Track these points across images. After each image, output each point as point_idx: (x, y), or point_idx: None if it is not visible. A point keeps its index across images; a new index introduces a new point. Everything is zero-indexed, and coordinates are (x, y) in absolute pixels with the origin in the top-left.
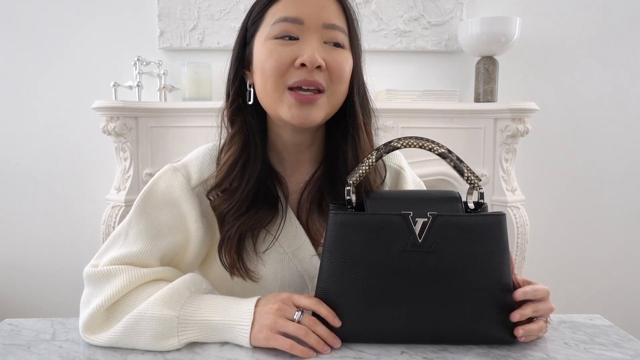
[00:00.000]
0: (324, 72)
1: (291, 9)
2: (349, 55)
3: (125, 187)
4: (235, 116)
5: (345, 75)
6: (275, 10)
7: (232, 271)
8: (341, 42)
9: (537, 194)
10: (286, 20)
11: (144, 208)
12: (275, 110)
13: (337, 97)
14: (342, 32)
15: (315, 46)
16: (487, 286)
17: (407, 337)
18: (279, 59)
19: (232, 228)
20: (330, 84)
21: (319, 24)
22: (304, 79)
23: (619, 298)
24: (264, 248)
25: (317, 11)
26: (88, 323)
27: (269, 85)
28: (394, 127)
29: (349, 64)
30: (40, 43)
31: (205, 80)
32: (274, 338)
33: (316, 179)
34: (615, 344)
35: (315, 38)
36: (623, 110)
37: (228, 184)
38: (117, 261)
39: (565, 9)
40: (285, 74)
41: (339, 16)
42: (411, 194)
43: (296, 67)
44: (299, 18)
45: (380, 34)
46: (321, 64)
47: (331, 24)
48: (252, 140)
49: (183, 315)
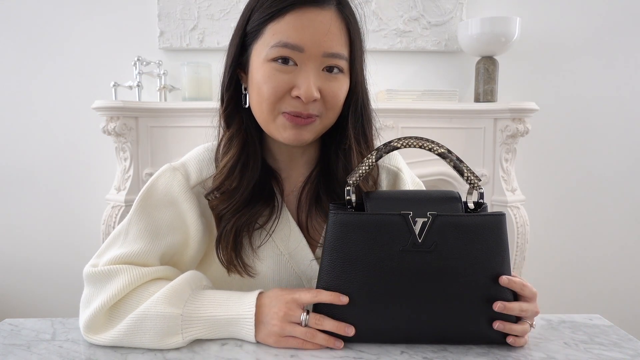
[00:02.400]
0: (318, 101)
1: (293, 34)
2: (345, 80)
3: (125, 187)
4: (231, 119)
5: (339, 103)
6: (276, 30)
7: (229, 267)
8: (341, 68)
9: (537, 194)
10: (286, 47)
11: (144, 207)
12: (268, 129)
13: (329, 119)
14: (343, 59)
15: (313, 78)
16: (487, 286)
17: (407, 337)
18: (276, 86)
19: (228, 224)
20: (324, 111)
21: (320, 52)
22: (299, 111)
23: (619, 298)
24: (259, 243)
25: (319, 39)
26: (90, 323)
27: (264, 107)
28: (394, 127)
29: (343, 91)
30: (40, 43)
31: (205, 80)
32: (284, 341)
33: (313, 179)
34: (615, 344)
35: (314, 67)
36: (623, 110)
37: (228, 185)
38: (117, 261)
39: (565, 9)
40: (281, 100)
41: (342, 42)
42: (411, 194)
43: (292, 96)
44: (300, 46)
45: (380, 34)
46: (317, 97)
47: (332, 53)
48: (251, 141)
49: (187, 312)
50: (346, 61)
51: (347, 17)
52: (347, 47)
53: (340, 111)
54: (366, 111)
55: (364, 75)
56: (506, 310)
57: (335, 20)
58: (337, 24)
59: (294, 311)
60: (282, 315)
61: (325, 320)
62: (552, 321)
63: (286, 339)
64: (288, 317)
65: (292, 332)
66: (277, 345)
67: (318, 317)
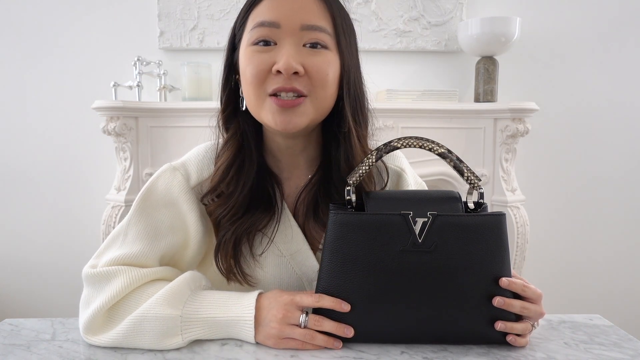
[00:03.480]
0: (303, 77)
1: (269, 12)
2: (333, 57)
3: (125, 187)
4: (229, 122)
5: (328, 79)
6: (256, 14)
7: (228, 276)
8: (323, 43)
9: (537, 194)
10: (263, 25)
11: (143, 208)
12: (259, 116)
13: (322, 101)
14: (324, 32)
15: (292, 52)
16: (487, 286)
17: (407, 337)
18: (256, 66)
19: (227, 232)
20: (312, 89)
21: (297, 26)
22: (282, 86)
23: (619, 298)
24: (260, 251)
25: (295, 13)
26: (89, 324)
27: (251, 92)
28: (394, 127)
29: (332, 67)
30: (40, 43)
31: (205, 80)
32: (283, 343)
33: (313, 184)
34: (615, 344)
35: (292, 42)
36: (623, 110)
37: (223, 188)
38: (117, 262)
39: (565, 9)
40: (265, 81)
41: (321, 15)
42: (411, 193)
43: (274, 73)
44: (276, 21)
45: (380, 34)
46: (298, 69)
47: (310, 24)
48: (246, 145)
49: (186, 313)
50: (329, 36)
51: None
52: (329, 21)
53: (332, 91)
54: (361, 91)
55: (353, 55)
56: (505, 306)
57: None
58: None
59: (292, 313)
60: (280, 318)
61: (324, 322)
62: (552, 321)
63: (285, 340)
64: (287, 319)
65: (291, 334)
66: (276, 346)
67: (317, 318)
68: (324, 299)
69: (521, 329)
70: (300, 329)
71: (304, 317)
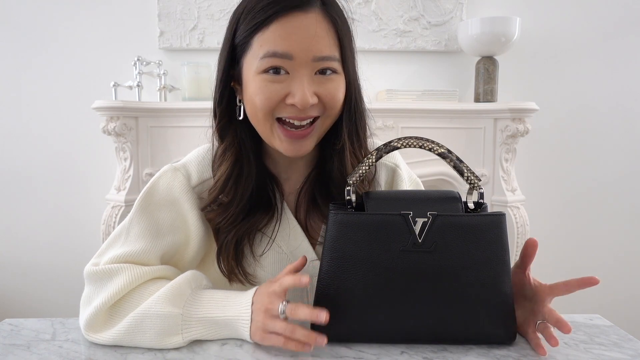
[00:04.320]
0: (317, 104)
1: (280, 42)
2: (341, 81)
3: (125, 187)
4: (224, 131)
5: (339, 103)
6: (263, 40)
7: (230, 277)
8: (334, 69)
9: (537, 194)
10: (275, 56)
11: (145, 207)
12: (268, 140)
13: (330, 120)
14: (335, 60)
15: (307, 84)
16: (486, 286)
17: (407, 337)
18: (269, 97)
19: (228, 235)
20: (324, 111)
21: (310, 58)
22: (296, 116)
23: (619, 298)
24: (261, 251)
25: (307, 44)
26: (90, 322)
27: (260, 116)
28: (394, 127)
29: (342, 90)
30: (39, 43)
31: (205, 80)
32: (268, 338)
33: (310, 180)
34: (615, 344)
35: (306, 73)
36: (623, 110)
37: (223, 198)
38: (118, 260)
39: (565, 9)
40: (276, 108)
41: (331, 43)
42: (411, 193)
43: (287, 104)
44: (289, 53)
45: (380, 34)
46: (313, 103)
47: (322, 56)
48: (245, 153)
49: (186, 312)
50: (338, 62)
51: (333, 18)
52: (337, 48)
53: (340, 110)
54: (359, 110)
55: (356, 74)
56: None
57: (321, 22)
58: (324, 26)
59: (273, 304)
60: (264, 310)
61: (299, 309)
62: None
63: (270, 335)
64: (269, 311)
65: (274, 328)
66: (264, 342)
67: (293, 306)
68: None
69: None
70: (281, 322)
71: (282, 307)
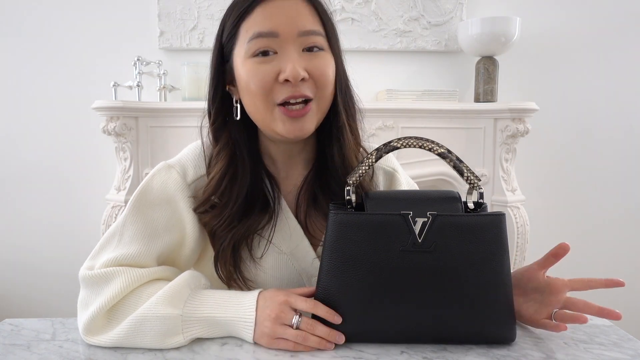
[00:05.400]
0: (308, 82)
1: (264, 22)
2: (330, 58)
3: (125, 187)
4: (219, 133)
5: (330, 79)
6: (249, 25)
7: (229, 283)
8: (320, 46)
9: (537, 194)
10: (261, 36)
11: (139, 207)
12: (269, 126)
13: (325, 101)
14: (320, 35)
15: (295, 58)
16: (486, 286)
17: (407, 337)
18: (262, 78)
19: (224, 240)
20: (317, 91)
21: (295, 33)
22: (291, 94)
23: (619, 298)
24: (259, 253)
25: (291, 20)
26: (89, 325)
27: (259, 104)
28: (394, 127)
29: (331, 67)
30: (40, 43)
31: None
32: (275, 343)
33: (310, 179)
34: (615, 344)
35: (294, 49)
36: (623, 110)
37: (217, 199)
38: (114, 263)
39: (565, 9)
40: (272, 91)
41: (314, 20)
42: (411, 193)
43: (280, 82)
44: (274, 31)
45: (380, 34)
46: (304, 76)
47: (307, 30)
48: (239, 154)
49: (186, 313)
50: (323, 38)
51: (312, 2)
52: (320, 24)
53: (332, 89)
54: (348, 89)
55: (340, 52)
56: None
57: (301, 2)
58: (304, 5)
59: (285, 313)
60: (274, 317)
61: (317, 327)
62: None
63: (277, 340)
64: (280, 319)
65: (284, 335)
66: (270, 346)
67: (311, 322)
68: (319, 308)
69: None
70: (293, 330)
71: (297, 319)
